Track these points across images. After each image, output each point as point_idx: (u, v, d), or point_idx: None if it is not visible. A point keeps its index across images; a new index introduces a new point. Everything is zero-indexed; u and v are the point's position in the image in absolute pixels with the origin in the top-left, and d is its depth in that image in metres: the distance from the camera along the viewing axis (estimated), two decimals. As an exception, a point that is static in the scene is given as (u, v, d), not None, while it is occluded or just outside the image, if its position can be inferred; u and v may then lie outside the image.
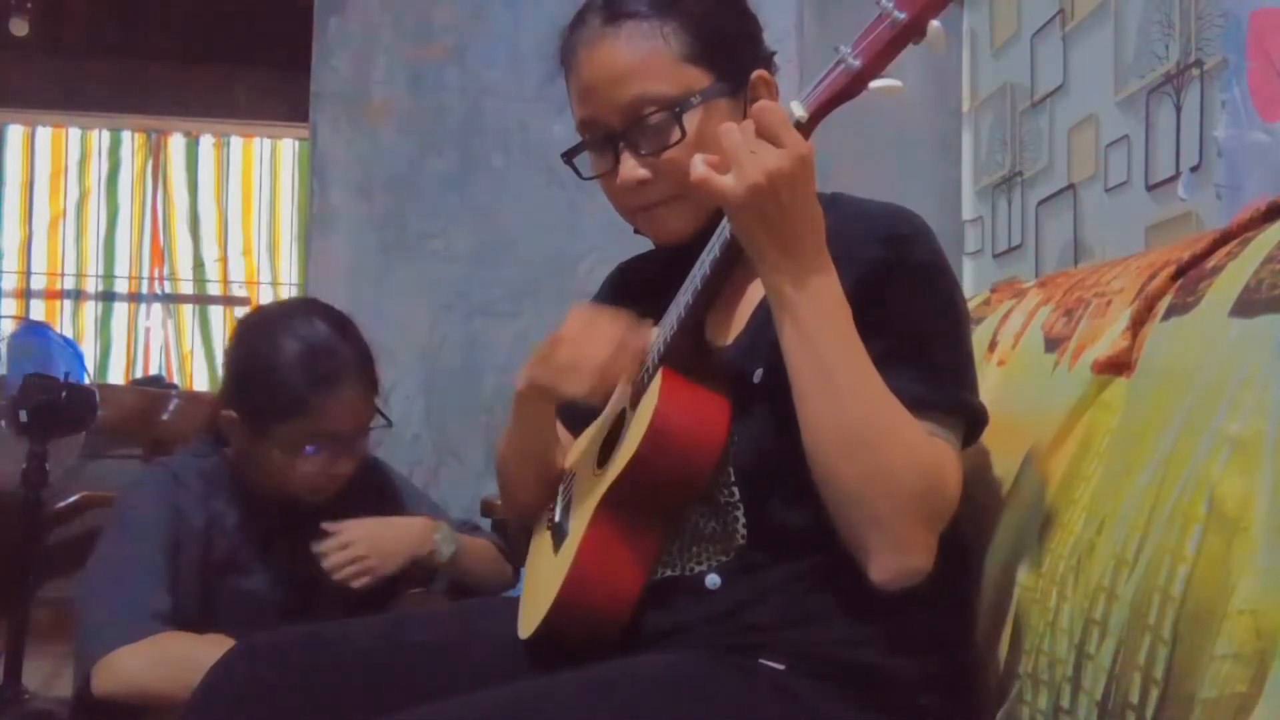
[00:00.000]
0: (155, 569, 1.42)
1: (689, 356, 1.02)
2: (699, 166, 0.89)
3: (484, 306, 2.60)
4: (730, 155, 0.87)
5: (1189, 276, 0.91)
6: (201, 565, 1.48)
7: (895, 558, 0.90)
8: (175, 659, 1.31)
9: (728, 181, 0.87)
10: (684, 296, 1.00)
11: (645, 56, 1.02)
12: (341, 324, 1.52)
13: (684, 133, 1.02)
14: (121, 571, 1.41)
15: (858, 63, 0.85)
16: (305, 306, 1.58)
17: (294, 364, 1.46)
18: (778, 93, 1.08)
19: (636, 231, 1.12)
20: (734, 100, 1.05)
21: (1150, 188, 1.75)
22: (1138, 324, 0.94)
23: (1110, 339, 0.98)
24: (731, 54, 1.05)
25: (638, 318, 1.06)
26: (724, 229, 0.95)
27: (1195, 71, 1.63)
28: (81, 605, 1.41)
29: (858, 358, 0.90)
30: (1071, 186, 2.00)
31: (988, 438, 1.04)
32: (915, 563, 0.90)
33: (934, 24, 0.83)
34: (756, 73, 1.06)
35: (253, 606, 1.51)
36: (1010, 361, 1.19)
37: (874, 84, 0.86)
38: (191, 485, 1.51)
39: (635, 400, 1.04)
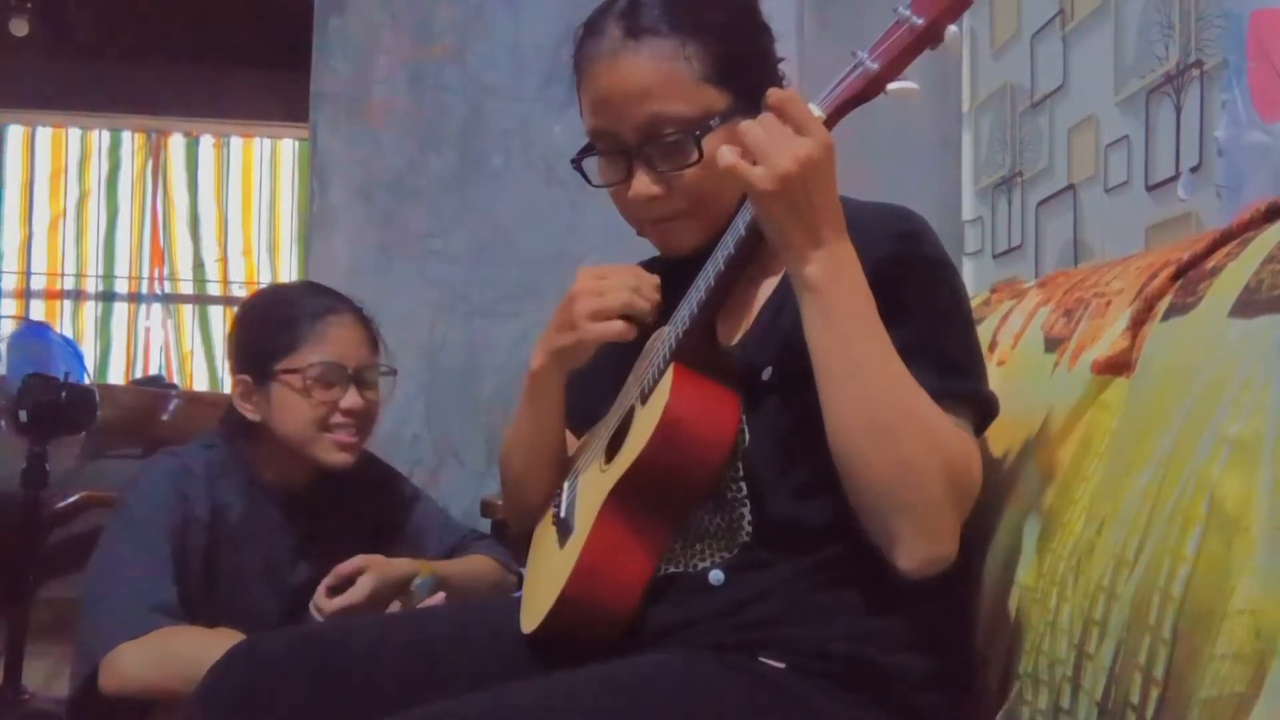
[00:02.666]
0: (161, 559, 1.42)
1: (700, 353, 1.02)
2: (728, 155, 0.89)
3: (484, 307, 2.60)
4: (756, 149, 0.88)
5: (1189, 277, 0.91)
6: (205, 555, 1.49)
7: (925, 545, 0.90)
8: (179, 655, 1.31)
9: (758, 170, 0.87)
10: (696, 293, 1.01)
11: (666, 76, 1.01)
12: (349, 299, 1.61)
13: (701, 155, 1.02)
14: (127, 563, 1.42)
15: (875, 66, 0.87)
16: (317, 284, 1.68)
17: (291, 302, 1.57)
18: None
19: (640, 233, 1.13)
20: (751, 119, 1.05)
21: (1150, 188, 1.75)
22: (1138, 324, 0.94)
23: (1110, 339, 0.98)
24: (749, 73, 1.05)
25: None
26: (739, 225, 0.96)
27: (1195, 72, 1.62)
28: (87, 597, 1.41)
29: (885, 346, 0.91)
30: (1071, 187, 2.00)
31: (988, 436, 1.05)
32: (943, 549, 0.91)
33: (951, 29, 0.85)
34: (771, 91, 1.06)
35: (253, 601, 1.51)
36: (1010, 361, 1.19)
37: (891, 87, 0.88)
38: (198, 475, 1.51)
39: (645, 397, 1.04)
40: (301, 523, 1.56)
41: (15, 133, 5.68)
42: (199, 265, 5.78)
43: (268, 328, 1.55)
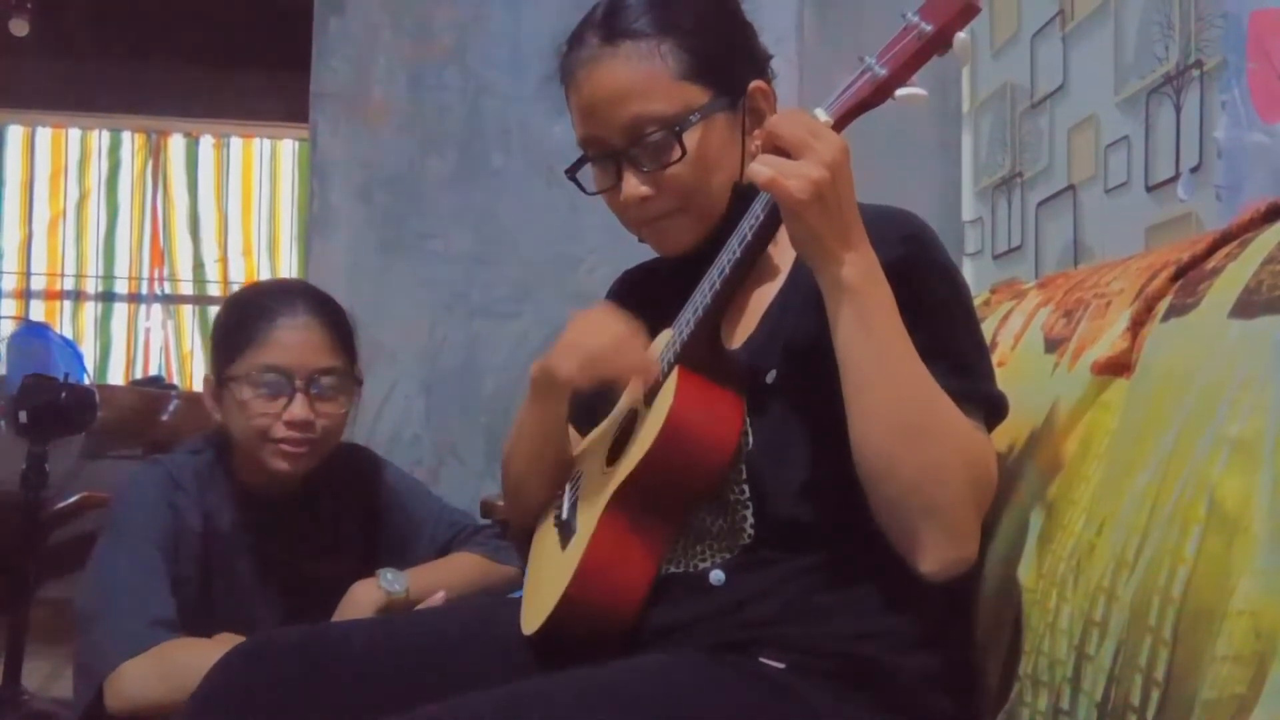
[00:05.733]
0: (155, 572, 1.40)
1: (704, 356, 1.02)
2: (764, 171, 0.88)
3: (484, 307, 2.59)
4: (786, 160, 0.87)
5: (1189, 278, 0.92)
6: (200, 564, 1.47)
7: (950, 547, 0.91)
8: (183, 668, 1.28)
9: (793, 183, 0.87)
10: (701, 297, 1.01)
11: (644, 76, 1.03)
12: (320, 296, 1.53)
13: (684, 151, 1.03)
14: (121, 578, 1.39)
15: (884, 72, 0.87)
16: (292, 280, 1.59)
17: (249, 301, 1.51)
18: (775, 102, 1.09)
19: (639, 238, 1.13)
20: (732, 113, 1.06)
21: (1150, 189, 1.75)
22: (1137, 325, 0.94)
23: (1110, 340, 0.98)
24: (728, 68, 1.06)
25: (646, 329, 1.07)
26: (746, 231, 0.96)
27: (1195, 72, 1.62)
28: (83, 616, 1.38)
29: (911, 348, 0.92)
30: (1071, 187, 2.00)
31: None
32: (967, 551, 0.92)
33: (960, 36, 0.85)
34: (754, 84, 1.07)
35: (250, 605, 1.50)
36: (1010, 362, 1.19)
37: (900, 93, 0.88)
38: (187, 483, 1.49)
39: (649, 399, 1.05)
40: (292, 524, 1.54)
41: (15, 133, 5.68)
42: (199, 265, 5.78)
43: (226, 327, 1.50)
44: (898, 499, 0.91)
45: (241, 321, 1.48)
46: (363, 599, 1.46)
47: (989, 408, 0.98)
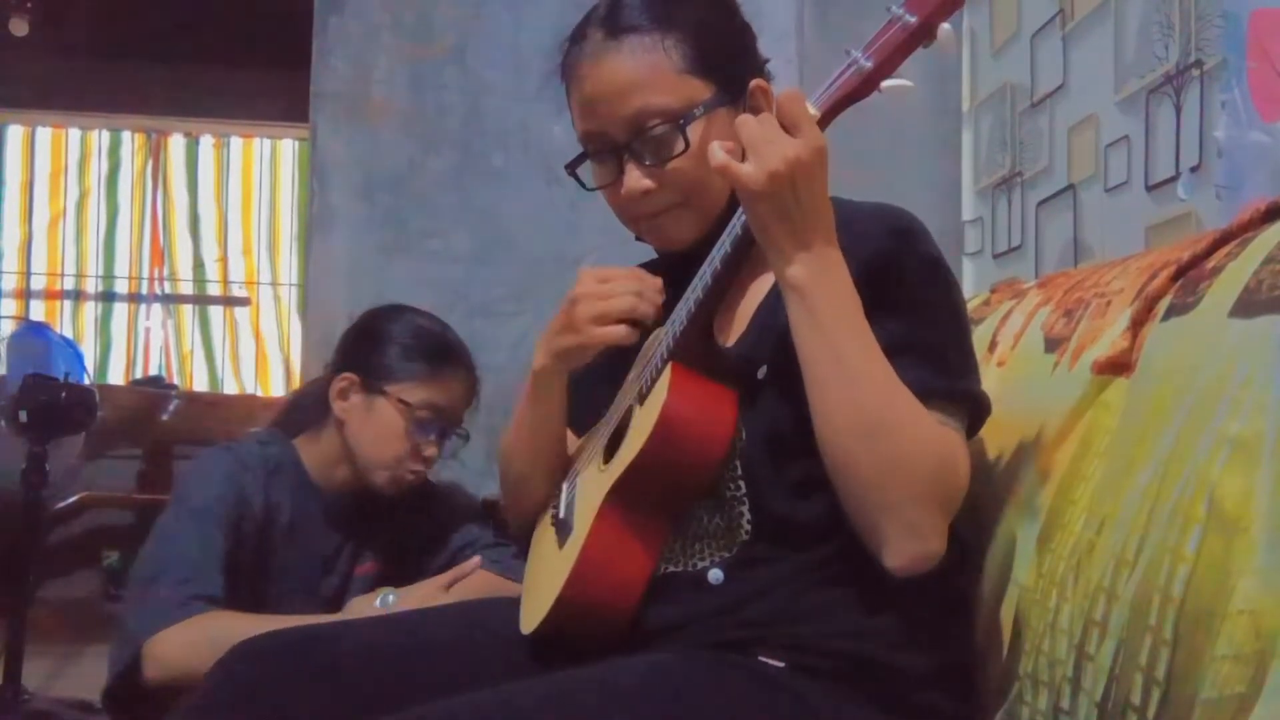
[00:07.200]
0: (213, 549, 1.43)
1: (697, 352, 1.03)
2: (719, 154, 0.90)
3: (484, 306, 2.59)
4: (749, 145, 0.88)
5: (1189, 277, 0.91)
6: (255, 551, 1.50)
7: (911, 543, 0.91)
8: (218, 639, 1.29)
9: (747, 168, 0.88)
10: (693, 293, 1.01)
11: (647, 69, 1.03)
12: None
13: (688, 144, 1.03)
14: (176, 550, 1.43)
15: (869, 64, 0.88)
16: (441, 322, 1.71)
17: (430, 336, 1.60)
18: (774, 101, 1.09)
19: (638, 238, 1.13)
20: (733, 110, 1.07)
21: (1150, 188, 1.75)
22: (1138, 324, 0.94)
23: (1110, 339, 0.98)
24: (730, 65, 1.07)
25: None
26: (735, 225, 0.96)
27: (1195, 72, 1.63)
28: (134, 581, 1.44)
29: (870, 346, 0.92)
30: (1071, 187, 2.00)
31: (987, 437, 1.04)
32: (930, 547, 0.91)
33: (944, 27, 0.86)
34: (755, 82, 1.07)
35: (295, 598, 1.53)
36: (1010, 362, 1.19)
37: (885, 84, 0.88)
38: (255, 470, 1.53)
39: (643, 396, 1.05)
40: (344, 525, 1.59)
41: (15, 133, 5.68)
42: (199, 265, 5.78)
43: (400, 344, 1.57)
44: (858, 495, 0.92)
45: (420, 347, 1.57)
46: (357, 614, 1.48)
47: (968, 405, 0.98)
